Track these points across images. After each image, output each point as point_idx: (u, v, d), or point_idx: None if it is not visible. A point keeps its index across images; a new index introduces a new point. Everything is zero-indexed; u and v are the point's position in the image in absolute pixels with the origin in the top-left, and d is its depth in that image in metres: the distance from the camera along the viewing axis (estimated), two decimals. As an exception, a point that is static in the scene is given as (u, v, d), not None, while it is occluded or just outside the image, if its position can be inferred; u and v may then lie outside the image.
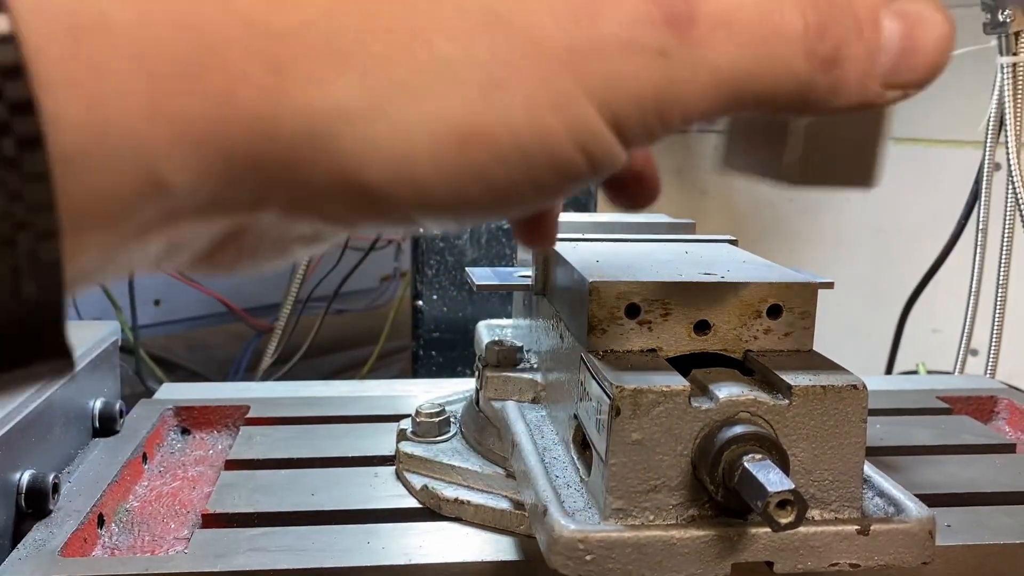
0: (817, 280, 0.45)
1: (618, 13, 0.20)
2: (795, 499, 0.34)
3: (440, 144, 0.20)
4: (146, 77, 0.18)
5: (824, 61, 0.22)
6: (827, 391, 0.40)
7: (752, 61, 0.21)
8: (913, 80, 0.24)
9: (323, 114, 0.19)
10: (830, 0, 0.22)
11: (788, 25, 0.21)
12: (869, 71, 0.23)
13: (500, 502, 0.51)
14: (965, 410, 0.73)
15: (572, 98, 0.20)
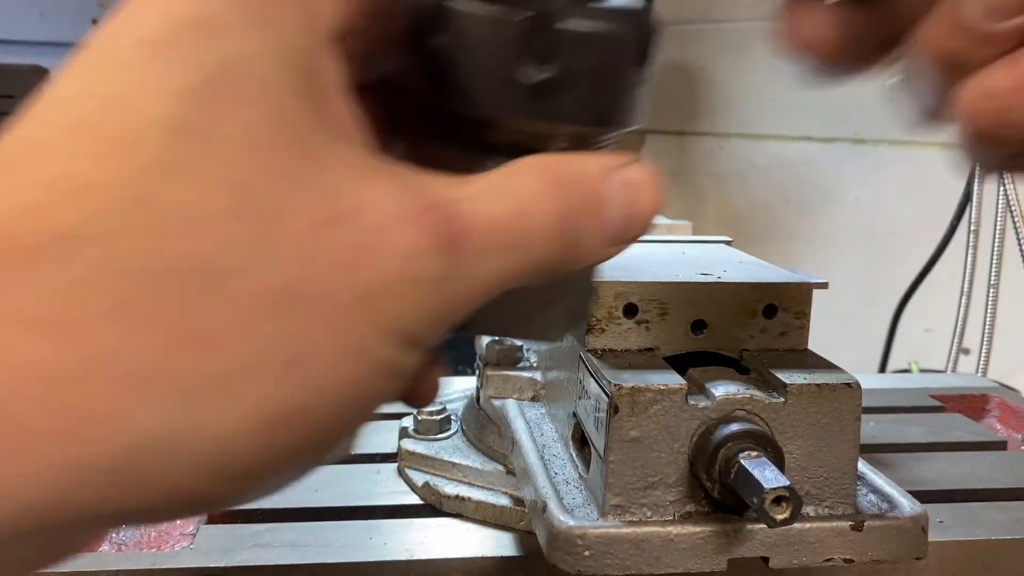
0: (812, 280, 0.46)
1: (393, 251, 0.21)
2: (790, 495, 0.35)
3: (256, 437, 0.20)
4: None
5: (569, 244, 0.25)
6: (822, 389, 0.41)
7: (513, 262, 0.23)
8: (633, 237, 0.27)
9: (128, 449, 0.18)
10: (570, 184, 0.24)
11: (541, 225, 0.24)
12: (602, 239, 0.26)
13: (500, 499, 0.52)
14: (957, 408, 0.74)
15: (369, 342, 0.21)
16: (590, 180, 0.25)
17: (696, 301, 0.44)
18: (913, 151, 1.31)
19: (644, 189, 0.26)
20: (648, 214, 0.27)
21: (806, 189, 1.45)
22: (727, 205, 1.58)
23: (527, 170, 0.24)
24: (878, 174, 1.35)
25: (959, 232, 1.02)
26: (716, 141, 1.58)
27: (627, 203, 0.26)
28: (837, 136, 1.41)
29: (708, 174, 1.60)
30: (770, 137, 1.50)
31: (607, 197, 0.25)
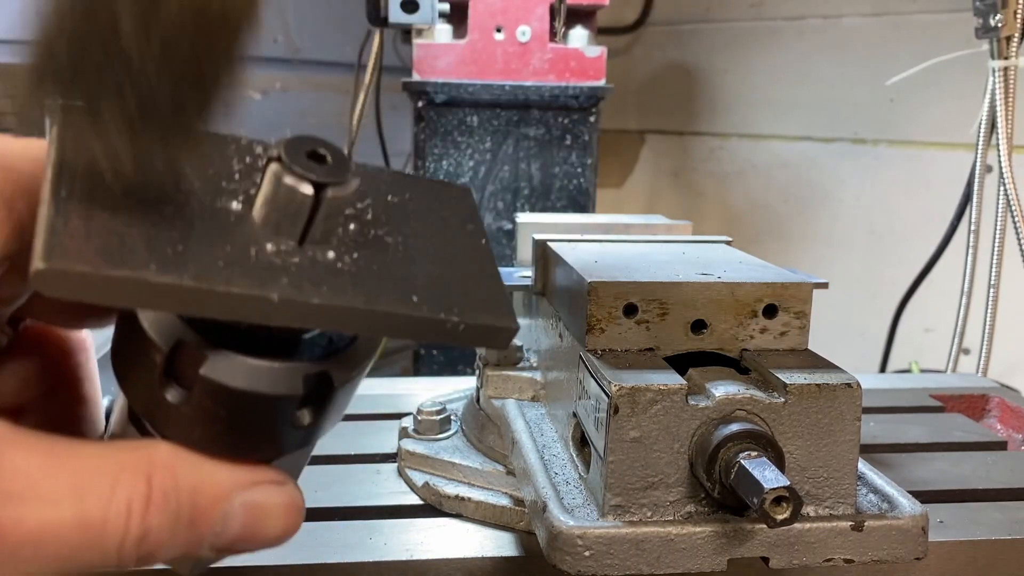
0: (812, 280, 0.46)
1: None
2: (790, 496, 0.35)
3: None
4: None
5: (140, 559, 0.24)
6: (822, 389, 0.41)
7: (55, 568, 0.22)
8: (254, 548, 0.26)
9: None
10: (182, 496, 0.24)
11: (106, 542, 0.23)
12: (200, 550, 0.25)
13: (500, 499, 0.52)
14: (957, 408, 0.74)
15: None
16: (211, 494, 0.24)
17: (696, 301, 0.44)
18: (913, 151, 1.31)
19: (269, 516, 0.25)
20: (267, 540, 0.26)
21: (806, 189, 1.45)
22: (727, 205, 1.58)
23: (132, 473, 0.23)
24: (878, 174, 1.35)
25: (959, 232, 1.02)
26: (716, 141, 1.58)
27: (244, 524, 0.25)
28: (837, 136, 1.41)
29: (708, 174, 1.60)
30: (770, 137, 1.50)
31: (223, 515, 0.25)
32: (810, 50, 1.43)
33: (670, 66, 1.64)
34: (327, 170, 0.25)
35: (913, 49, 1.22)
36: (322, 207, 0.25)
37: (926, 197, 1.30)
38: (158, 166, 0.23)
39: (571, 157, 1.05)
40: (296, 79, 1.58)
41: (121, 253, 0.22)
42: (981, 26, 0.91)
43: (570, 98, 1.03)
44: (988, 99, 0.94)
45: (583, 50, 1.04)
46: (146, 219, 0.24)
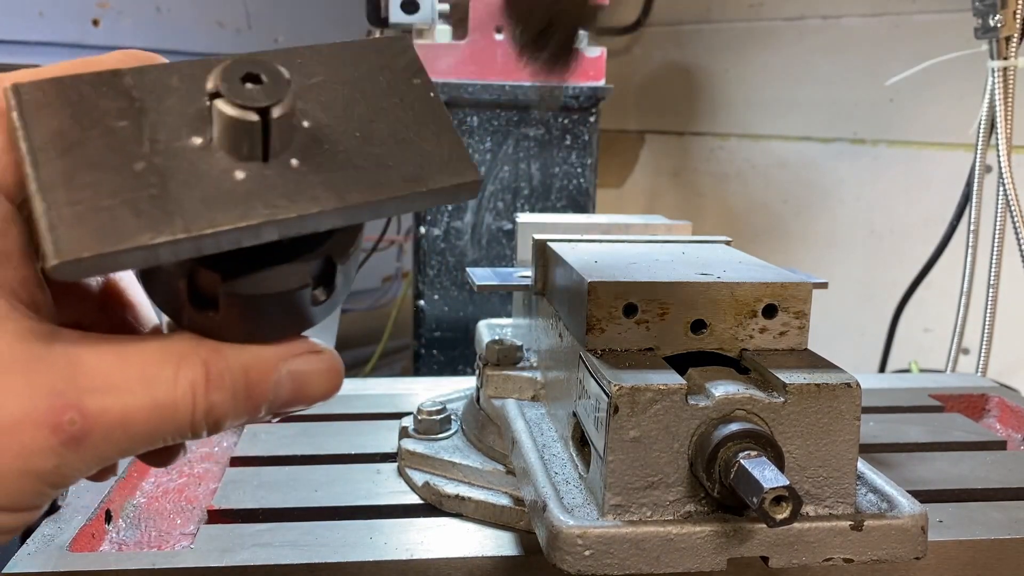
0: (811, 280, 0.46)
1: (14, 449, 0.24)
2: (790, 495, 0.35)
3: None
4: None
5: (211, 428, 0.28)
6: (821, 389, 0.41)
7: (143, 443, 0.27)
8: (305, 407, 0.30)
9: None
10: (233, 375, 0.28)
11: (179, 418, 0.27)
12: (258, 416, 0.29)
13: (500, 498, 0.52)
14: (957, 408, 0.74)
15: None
16: (260, 368, 0.28)
17: (696, 301, 0.44)
18: (913, 151, 1.31)
19: (313, 379, 0.30)
20: (314, 399, 0.30)
21: (806, 189, 1.45)
22: (727, 205, 1.58)
23: (190, 360, 0.27)
24: (878, 174, 1.36)
25: (959, 232, 1.02)
26: (716, 141, 1.58)
27: (292, 392, 0.29)
28: (837, 136, 1.41)
29: (708, 174, 1.60)
30: (770, 137, 1.50)
31: (274, 384, 0.29)
32: (810, 50, 1.43)
33: (670, 66, 1.64)
34: (265, 91, 0.26)
35: (913, 49, 1.22)
36: (272, 126, 0.27)
37: (926, 197, 1.30)
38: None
39: (571, 157, 1.05)
40: (296, 79, 1.58)
41: (115, 228, 0.25)
42: (980, 26, 0.91)
43: (570, 98, 1.03)
44: (987, 99, 0.94)
45: (583, 50, 1.04)
46: (124, 184, 0.26)
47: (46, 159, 0.26)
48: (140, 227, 0.25)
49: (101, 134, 0.27)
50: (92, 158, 0.26)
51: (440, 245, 1.03)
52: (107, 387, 0.26)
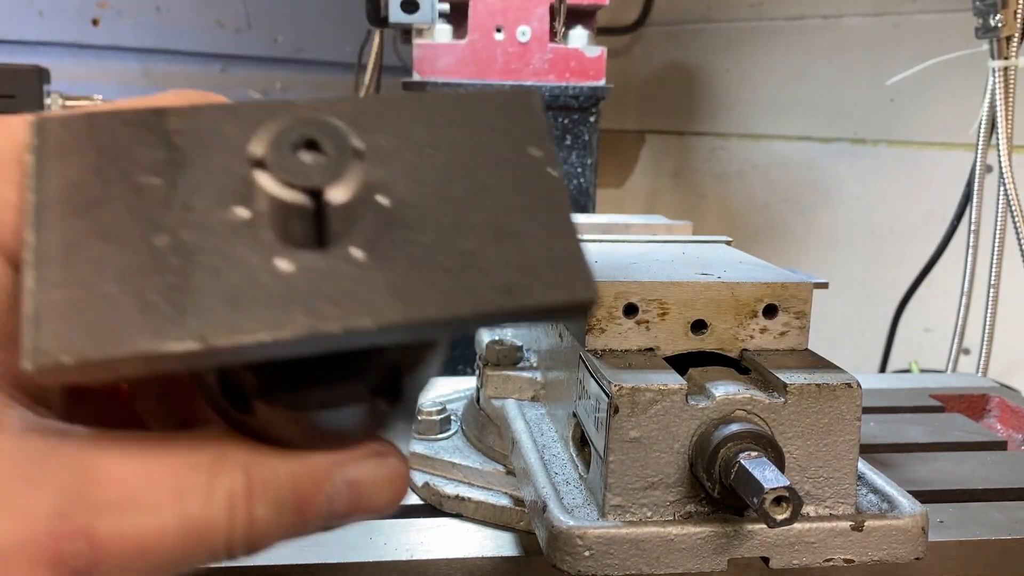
0: (812, 280, 0.46)
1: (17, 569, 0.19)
2: (790, 496, 0.35)
3: None
4: None
5: (249, 550, 0.23)
6: (822, 389, 0.41)
7: (166, 572, 0.22)
8: (363, 519, 0.24)
9: None
10: (281, 488, 0.22)
11: (213, 539, 0.22)
12: (310, 530, 0.24)
13: (500, 499, 0.52)
14: (957, 408, 0.74)
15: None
16: (312, 477, 0.23)
17: (696, 301, 0.44)
18: (913, 151, 1.31)
19: (374, 489, 0.24)
20: (374, 512, 0.25)
21: (806, 189, 1.45)
22: (727, 205, 1.57)
23: (228, 465, 0.22)
24: (878, 174, 1.35)
25: (959, 232, 1.02)
26: (716, 141, 1.58)
27: (349, 504, 0.24)
28: (837, 136, 1.41)
29: (708, 174, 1.60)
30: (770, 137, 1.50)
31: (327, 496, 0.23)
32: (810, 50, 1.43)
33: (670, 66, 1.64)
34: (324, 167, 0.20)
35: (913, 49, 1.22)
36: (328, 212, 0.21)
37: (926, 197, 1.30)
38: None
39: (571, 157, 1.05)
40: (296, 79, 1.58)
41: (111, 326, 0.20)
42: (981, 26, 0.91)
43: (570, 98, 1.03)
44: (988, 99, 0.94)
45: (583, 50, 1.04)
46: (136, 264, 0.21)
47: (52, 220, 0.21)
48: (142, 328, 0.20)
49: (125, 192, 0.21)
50: (107, 224, 0.21)
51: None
52: (125, 502, 0.21)
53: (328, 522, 0.24)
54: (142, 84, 1.41)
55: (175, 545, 0.21)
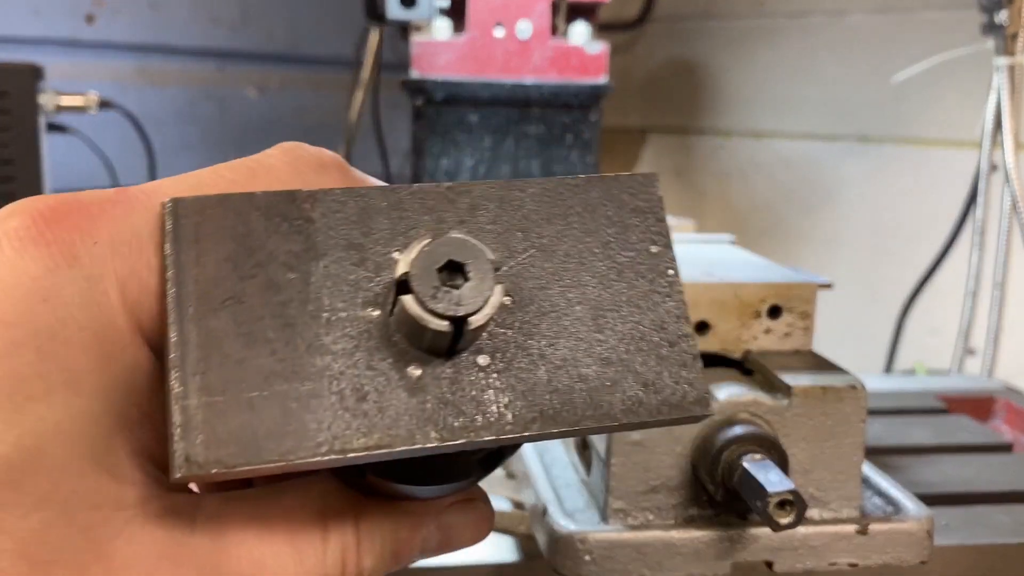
0: (816, 280, 0.45)
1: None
2: (795, 499, 0.35)
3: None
4: None
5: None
6: (826, 391, 0.40)
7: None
8: (444, 554, 0.26)
9: None
10: (373, 537, 0.23)
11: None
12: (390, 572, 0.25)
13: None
14: (963, 410, 0.73)
15: None
16: (409, 524, 0.24)
17: (699, 301, 0.43)
18: (918, 150, 1.30)
19: (462, 532, 0.26)
20: (456, 549, 0.26)
21: (810, 187, 1.45)
22: (730, 203, 1.57)
23: (339, 521, 0.23)
24: (883, 173, 1.35)
25: (965, 231, 1.02)
26: (719, 139, 1.57)
27: (438, 545, 0.25)
28: (841, 134, 1.40)
29: (711, 172, 1.59)
30: (773, 135, 1.49)
31: (421, 541, 0.25)
32: (814, 47, 1.42)
33: (672, 63, 1.64)
34: (467, 295, 0.20)
35: (919, 46, 1.22)
36: (465, 333, 0.21)
37: (931, 196, 1.29)
38: None
39: (572, 155, 1.05)
40: (294, 76, 1.58)
41: (256, 434, 0.20)
42: (987, 23, 0.90)
43: (571, 96, 1.02)
44: (993, 97, 0.93)
45: (584, 47, 1.04)
46: (277, 368, 0.21)
47: (191, 317, 0.21)
48: (284, 437, 0.20)
49: (260, 287, 0.21)
50: (244, 322, 0.21)
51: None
52: (255, 570, 0.21)
53: (414, 561, 0.25)
54: (137, 82, 1.41)
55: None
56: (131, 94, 1.33)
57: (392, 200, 0.22)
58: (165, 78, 1.44)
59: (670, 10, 1.61)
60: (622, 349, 0.22)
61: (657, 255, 0.23)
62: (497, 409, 0.21)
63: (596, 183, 0.24)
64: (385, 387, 0.21)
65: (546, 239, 0.23)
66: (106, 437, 0.20)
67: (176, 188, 0.22)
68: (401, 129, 1.32)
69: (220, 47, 1.48)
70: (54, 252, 0.20)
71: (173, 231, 0.21)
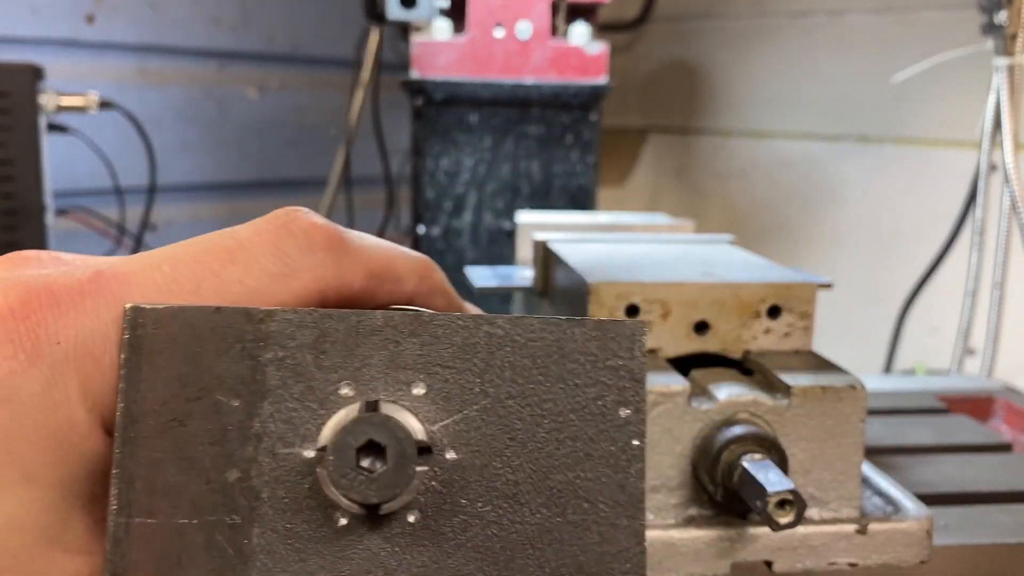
0: (816, 280, 0.45)
1: None
2: (794, 499, 0.35)
3: None
4: None
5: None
6: (826, 391, 0.40)
7: None
8: None
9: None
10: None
11: None
12: None
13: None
14: (962, 410, 0.73)
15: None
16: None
17: (699, 302, 0.43)
18: (918, 150, 1.30)
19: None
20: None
21: (810, 188, 1.45)
22: (730, 203, 1.57)
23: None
24: (883, 173, 1.35)
25: (964, 231, 1.02)
26: (719, 139, 1.57)
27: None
28: (841, 134, 1.40)
29: (711, 172, 1.59)
30: (773, 135, 1.49)
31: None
32: (814, 47, 1.42)
33: (672, 63, 1.64)
34: (380, 482, 0.20)
35: (919, 46, 1.22)
36: (379, 510, 0.21)
37: (931, 196, 1.29)
38: None
39: (572, 155, 1.05)
40: (294, 76, 1.58)
41: (181, 559, 0.21)
42: (986, 24, 0.90)
43: (571, 96, 1.02)
44: (993, 97, 0.93)
45: (584, 47, 1.04)
46: (209, 499, 0.21)
47: (137, 436, 0.21)
48: (208, 569, 0.21)
49: (206, 412, 0.21)
50: (186, 447, 0.21)
51: (440, 244, 1.03)
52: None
53: None
54: (137, 82, 1.41)
55: None
56: (131, 94, 1.33)
57: (349, 325, 0.22)
58: (165, 78, 1.44)
59: (670, 10, 1.61)
60: (564, 522, 0.21)
61: (627, 422, 0.22)
62: (420, 570, 0.21)
63: (575, 328, 0.22)
64: (308, 532, 0.21)
65: (505, 390, 0.22)
66: (63, 519, 0.21)
67: (150, 274, 0.22)
68: (401, 129, 1.32)
69: (220, 47, 1.48)
70: (18, 351, 0.21)
71: (129, 341, 0.21)
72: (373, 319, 0.22)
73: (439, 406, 0.21)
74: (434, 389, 0.21)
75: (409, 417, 0.21)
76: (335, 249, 0.24)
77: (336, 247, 0.24)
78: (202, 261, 0.23)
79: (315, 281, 0.23)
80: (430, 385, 0.21)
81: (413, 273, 0.25)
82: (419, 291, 0.25)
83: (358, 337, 0.22)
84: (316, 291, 0.23)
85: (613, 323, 0.22)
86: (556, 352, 0.22)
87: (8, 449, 0.20)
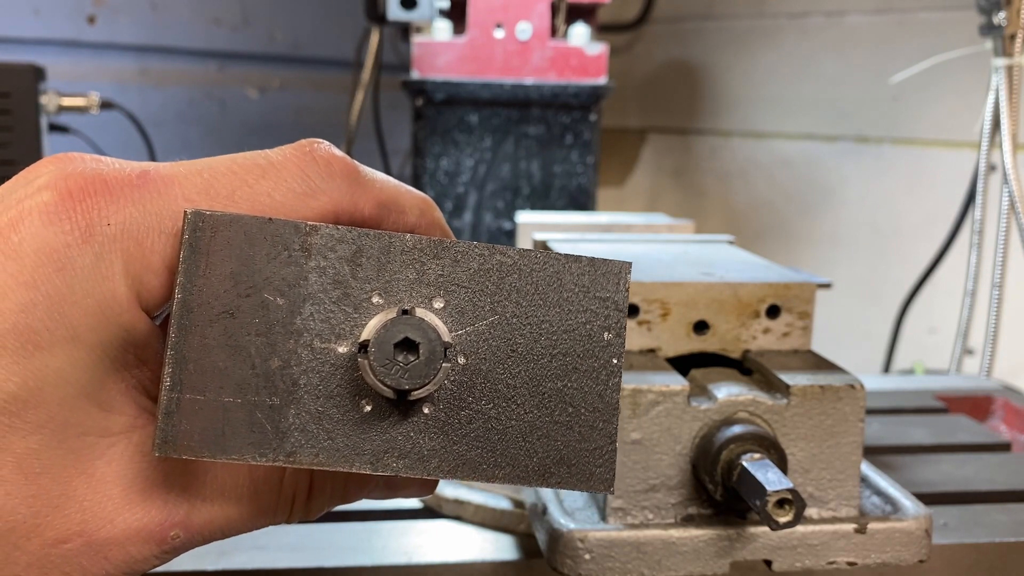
0: (815, 280, 0.45)
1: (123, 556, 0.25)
2: (793, 498, 0.35)
3: None
4: None
5: (299, 521, 0.28)
6: (825, 391, 0.40)
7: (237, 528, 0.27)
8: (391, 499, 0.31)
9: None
10: (325, 481, 0.28)
11: (276, 520, 0.27)
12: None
13: (500, 501, 0.51)
14: (961, 409, 0.74)
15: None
16: (357, 481, 0.28)
17: (698, 301, 0.44)
18: (917, 150, 1.30)
19: (407, 485, 0.29)
20: (409, 496, 0.30)
21: (809, 188, 1.45)
22: (729, 204, 1.57)
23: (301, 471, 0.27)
24: (881, 173, 1.35)
25: (963, 232, 1.02)
26: (718, 139, 1.58)
27: (385, 493, 0.29)
28: (840, 134, 1.40)
29: (710, 172, 1.59)
30: (773, 135, 1.49)
31: (368, 490, 0.29)
32: (813, 48, 1.42)
33: (672, 64, 1.64)
34: (413, 372, 0.23)
35: (917, 47, 1.22)
36: (409, 399, 0.24)
37: (930, 196, 1.29)
38: None
39: (572, 156, 1.05)
40: (295, 77, 1.58)
41: (224, 433, 0.24)
42: (985, 24, 0.90)
43: (571, 96, 1.02)
44: (992, 97, 0.93)
45: (584, 48, 1.04)
46: (252, 383, 0.24)
47: (191, 324, 0.24)
48: (248, 441, 0.24)
49: (254, 307, 0.24)
50: (235, 337, 0.24)
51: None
52: (215, 496, 0.26)
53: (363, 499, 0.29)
54: (138, 82, 1.41)
55: (245, 526, 0.26)
56: (132, 94, 1.33)
57: (383, 244, 0.25)
58: (166, 79, 1.44)
59: (670, 10, 1.61)
60: (551, 422, 0.25)
61: (609, 343, 0.26)
62: (429, 452, 0.24)
63: (573, 263, 0.26)
64: (338, 415, 0.24)
65: (510, 309, 0.25)
66: (101, 379, 0.24)
67: (191, 178, 0.25)
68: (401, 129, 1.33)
69: (221, 48, 1.48)
70: (74, 228, 0.23)
71: (189, 241, 0.24)
72: (404, 241, 0.25)
73: (454, 319, 0.25)
74: (451, 304, 0.25)
75: (437, 321, 0.24)
76: (351, 178, 0.26)
77: (352, 176, 0.26)
78: (237, 173, 0.25)
79: (332, 204, 0.26)
80: (448, 301, 0.25)
81: (415, 207, 0.28)
82: (419, 224, 0.28)
83: (390, 255, 0.25)
84: (332, 212, 0.26)
85: (604, 261, 0.26)
86: (555, 282, 0.26)
87: (61, 312, 0.23)
